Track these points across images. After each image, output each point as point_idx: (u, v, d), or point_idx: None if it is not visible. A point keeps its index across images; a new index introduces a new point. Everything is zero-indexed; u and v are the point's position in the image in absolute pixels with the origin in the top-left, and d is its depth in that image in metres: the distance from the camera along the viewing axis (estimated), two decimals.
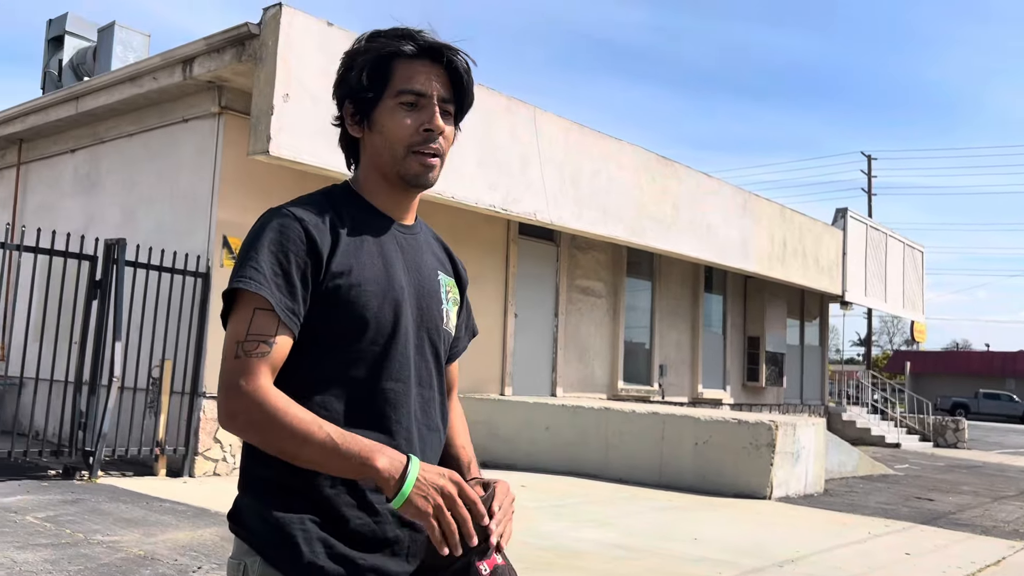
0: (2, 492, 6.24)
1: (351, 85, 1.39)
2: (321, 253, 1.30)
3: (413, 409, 1.37)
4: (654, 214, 11.45)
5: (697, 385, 14.33)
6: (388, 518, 1.31)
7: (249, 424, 1.24)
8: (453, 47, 1.39)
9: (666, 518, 7.01)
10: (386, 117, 1.37)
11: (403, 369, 1.36)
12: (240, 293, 1.27)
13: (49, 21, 12.03)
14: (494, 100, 9.13)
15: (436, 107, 1.37)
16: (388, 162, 1.38)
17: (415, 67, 1.37)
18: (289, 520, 1.26)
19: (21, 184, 10.73)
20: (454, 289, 1.52)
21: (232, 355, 1.25)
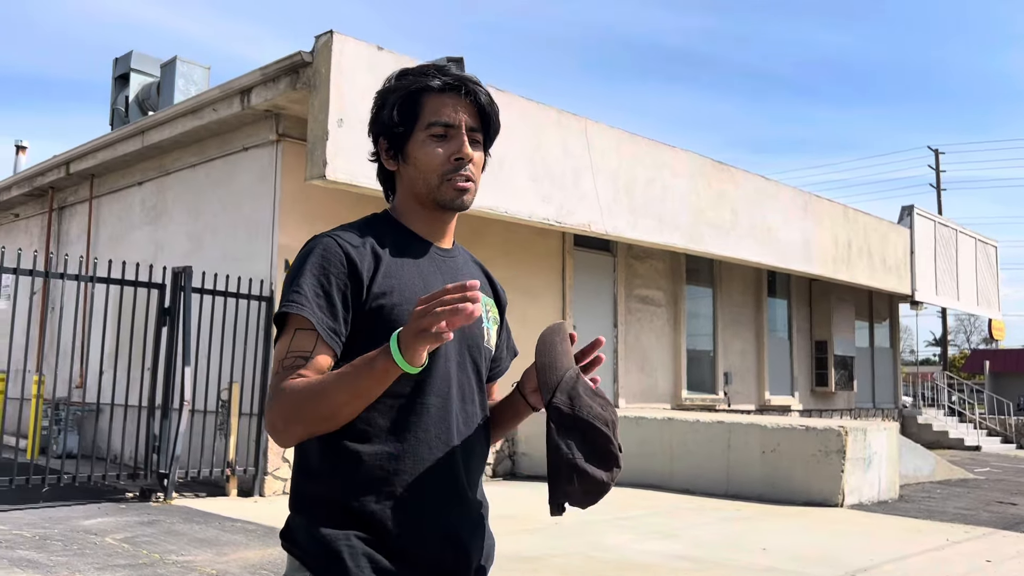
0: (83, 515, 6.48)
1: (383, 122, 1.47)
2: (362, 275, 1.37)
3: (456, 423, 1.41)
4: (712, 220, 11.33)
5: (764, 392, 14.07)
6: (433, 536, 1.35)
7: (285, 419, 1.28)
8: (475, 80, 1.47)
9: (733, 528, 6.89)
10: (418, 149, 1.44)
11: (444, 384, 1.40)
12: (286, 316, 1.34)
13: (115, 60, 12.54)
14: (544, 114, 9.17)
15: (464, 136, 1.44)
16: (424, 191, 1.45)
17: (442, 100, 1.44)
18: (335, 536, 1.31)
19: (94, 217, 11.18)
20: (494, 309, 1.58)
21: (274, 373, 1.32)
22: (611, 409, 1.37)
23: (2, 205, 13.18)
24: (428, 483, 1.36)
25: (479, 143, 1.48)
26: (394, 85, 1.48)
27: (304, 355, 1.31)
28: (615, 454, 1.34)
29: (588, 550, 5.74)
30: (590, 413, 1.33)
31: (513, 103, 8.90)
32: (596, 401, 1.36)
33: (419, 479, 1.35)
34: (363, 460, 1.33)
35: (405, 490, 1.34)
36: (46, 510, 6.60)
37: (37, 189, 12.06)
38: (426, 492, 1.36)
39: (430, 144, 1.44)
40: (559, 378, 1.36)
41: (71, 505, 6.81)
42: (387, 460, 1.34)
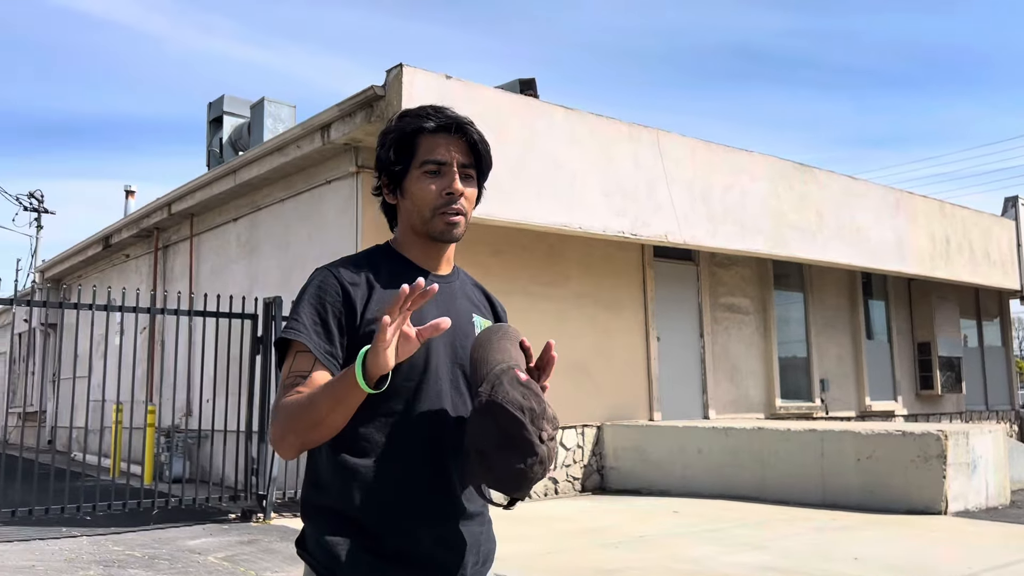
0: (189, 535, 6.87)
1: (383, 160, 1.62)
2: (355, 303, 1.51)
3: (447, 443, 1.52)
4: (796, 223, 11.10)
5: (864, 398, 13.60)
6: (425, 539, 1.47)
7: (282, 431, 1.41)
8: (467, 120, 1.62)
9: (826, 538, 6.73)
10: (413, 185, 1.59)
11: (435, 402, 1.51)
12: (287, 342, 1.50)
13: (209, 104, 13.28)
14: (615, 128, 9.23)
15: (456, 173, 1.58)
16: (418, 223, 1.60)
17: (436, 140, 1.58)
18: (337, 542, 1.44)
19: (195, 254, 11.83)
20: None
21: (277, 395, 1.48)
22: (535, 398, 1.39)
23: (115, 247, 14.08)
24: (421, 494, 1.48)
25: (472, 178, 1.62)
26: (394, 126, 1.62)
27: (303, 374, 1.45)
28: (529, 440, 1.34)
29: (670, 562, 5.72)
30: (504, 399, 1.36)
31: (583, 120, 8.99)
32: (517, 390, 1.38)
33: (412, 490, 1.47)
34: (361, 473, 1.46)
35: (400, 500, 1.46)
36: (156, 531, 7.02)
37: (144, 230, 12.85)
38: (420, 502, 1.48)
39: (424, 180, 1.57)
40: (487, 371, 1.42)
41: (178, 527, 7.22)
42: (383, 473, 1.46)
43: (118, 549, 6.29)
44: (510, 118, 8.33)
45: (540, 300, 9.61)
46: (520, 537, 6.53)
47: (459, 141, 1.59)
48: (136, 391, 11.83)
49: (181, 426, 10.51)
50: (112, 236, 13.84)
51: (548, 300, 9.69)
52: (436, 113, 1.60)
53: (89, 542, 6.59)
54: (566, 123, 8.80)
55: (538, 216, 8.43)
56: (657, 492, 9.41)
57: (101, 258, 15.02)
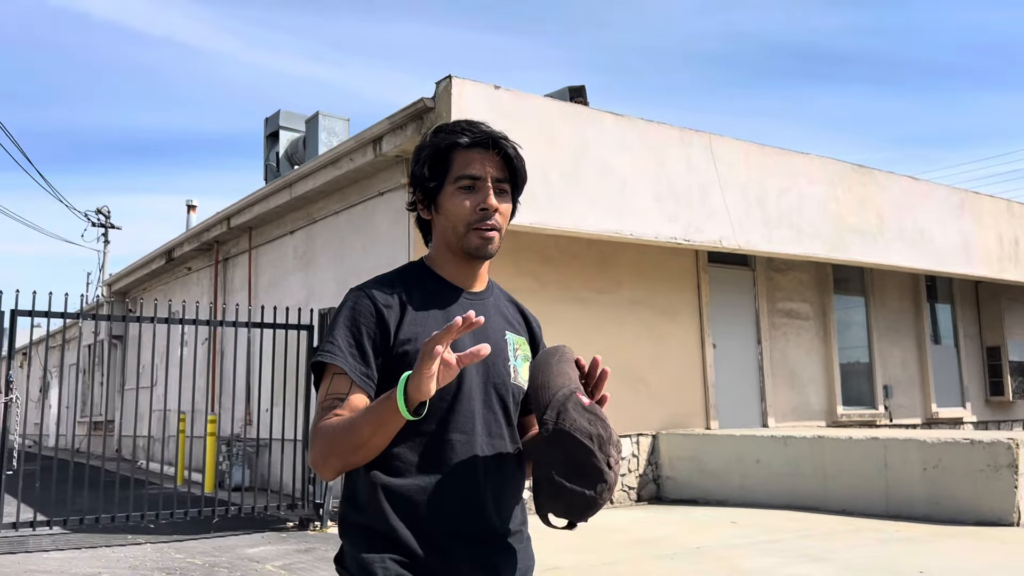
0: (248, 543, 7.00)
1: (418, 176, 1.62)
2: (389, 324, 1.52)
3: (481, 457, 1.52)
4: (855, 226, 10.84)
5: (930, 404, 13.19)
6: (460, 560, 1.47)
7: (323, 454, 1.42)
8: (502, 135, 1.60)
9: (890, 550, 6.53)
10: (448, 201, 1.58)
11: (468, 422, 1.51)
12: (323, 365, 1.51)
13: (266, 119, 13.57)
14: (666, 134, 9.14)
15: (491, 187, 1.57)
16: (453, 239, 1.59)
17: (471, 155, 1.58)
18: (372, 560, 1.45)
19: (253, 266, 12.08)
20: (524, 346, 1.67)
21: (316, 414, 1.49)
22: (600, 424, 1.42)
23: (177, 260, 14.47)
24: (454, 512, 1.48)
25: (507, 193, 1.61)
26: (429, 142, 1.62)
27: (340, 397, 1.47)
28: (599, 468, 1.37)
29: (727, 574, 5.62)
30: (572, 426, 1.37)
31: (633, 126, 8.94)
32: (584, 416, 1.40)
33: (446, 509, 1.47)
34: (395, 492, 1.47)
35: (433, 519, 1.46)
36: (216, 539, 7.16)
37: (204, 243, 13.18)
38: (453, 520, 1.47)
39: (458, 196, 1.57)
40: (551, 396, 1.42)
41: (238, 535, 7.36)
42: (416, 492, 1.47)
43: (180, 557, 6.43)
44: (560, 126, 8.32)
45: (593, 307, 9.55)
46: (575, 548, 6.48)
47: (493, 156, 1.58)
48: (198, 401, 12.11)
49: (241, 435, 10.72)
50: (175, 250, 14.22)
51: (601, 307, 9.63)
52: (470, 128, 1.60)
53: (153, 549, 6.75)
54: (616, 129, 8.76)
55: (589, 223, 8.39)
56: (714, 502, 9.26)
57: (164, 271, 15.45)
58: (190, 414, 12.08)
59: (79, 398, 18.97)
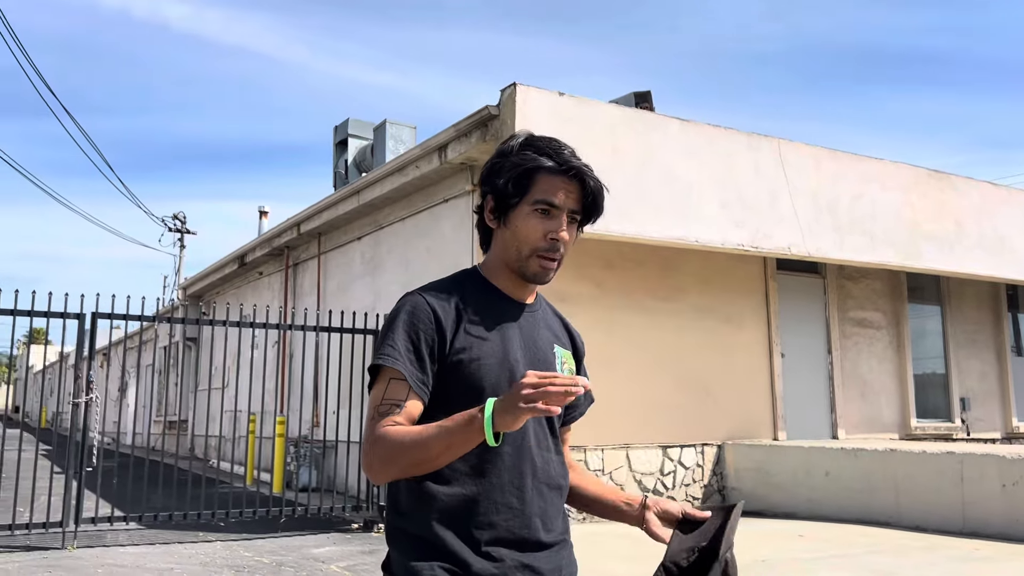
0: (315, 544, 7.13)
1: (497, 186, 1.60)
2: (446, 331, 1.52)
3: (531, 469, 1.54)
4: (931, 233, 10.51)
5: (1011, 418, 12.68)
6: (508, 567, 1.48)
7: (383, 462, 1.42)
8: (587, 167, 1.59)
9: (966, 569, 6.30)
10: (520, 220, 1.57)
11: (518, 434, 1.52)
12: (380, 368, 1.51)
13: (335, 128, 13.84)
14: (733, 139, 9.02)
15: (565, 219, 1.57)
16: (514, 257, 1.59)
17: (554, 181, 1.56)
18: (421, 568, 1.46)
19: (322, 271, 12.33)
20: (569, 360, 1.68)
21: (370, 418, 1.49)
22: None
23: (249, 265, 14.85)
24: (502, 522, 1.49)
25: (575, 222, 1.61)
26: (515, 155, 1.59)
27: (398, 403, 1.47)
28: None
29: None
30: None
31: (700, 131, 8.84)
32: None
33: (494, 519, 1.49)
34: (443, 500, 1.48)
35: (481, 528, 1.48)
36: (284, 539, 7.32)
37: (275, 249, 13.50)
38: (500, 530, 1.49)
39: (532, 218, 1.56)
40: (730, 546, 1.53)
41: (304, 535, 7.51)
42: (465, 501, 1.48)
43: (248, 555, 6.59)
44: (624, 132, 8.28)
45: (657, 315, 9.47)
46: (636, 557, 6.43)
47: (575, 186, 1.57)
48: (267, 402, 12.40)
49: (309, 437, 10.94)
50: (247, 255, 14.60)
51: (665, 315, 9.54)
52: (558, 153, 1.58)
53: (222, 547, 6.94)
54: (682, 135, 8.68)
55: (654, 230, 8.33)
56: (781, 515, 9.06)
57: (237, 275, 15.87)
58: (260, 415, 12.39)
59: (155, 398, 19.62)
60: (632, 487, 9.02)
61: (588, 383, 1.31)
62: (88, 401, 7.10)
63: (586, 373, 1.78)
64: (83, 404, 7.07)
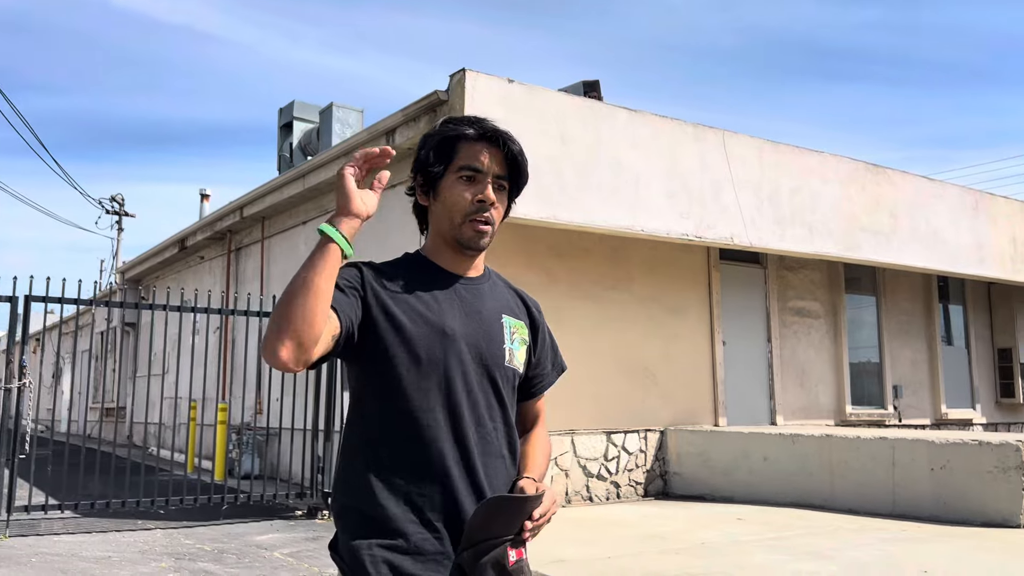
0: (257, 531, 7.06)
1: (421, 161, 1.67)
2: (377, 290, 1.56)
3: (470, 437, 1.54)
4: (868, 226, 10.81)
5: (940, 405, 13.15)
6: (445, 533, 1.49)
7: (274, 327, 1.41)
8: (508, 133, 1.64)
9: (895, 550, 6.53)
10: (447, 189, 1.63)
11: (461, 401, 1.55)
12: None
13: (280, 110, 13.62)
14: (680, 130, 9.13)
15: (490, 182, 1.61)
16: (447, 227, 1.63)
17: (475, 148, 1.62)
18: (359, 547, 1.48)
19: (266, 256, 12.14)
20: (521, 330, 1.69)
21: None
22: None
23: (190, 249, 14.56)
24: (443, 491, 1.50)
25: (504, 190, 1.65)
26: (436, 130, 1.67)
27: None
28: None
29: (733, 570, 5.64)
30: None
31: (647, 121, 8.93)
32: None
33: (433, 488, 1.50)
34: (381, 472, 1.50)
35: (420, 497, 1.49)
36: (226, 526, 7.23)
37: (217, 233, 13.25)
38: (441, 499, 1.50)
39: (458, 185, 1.61)
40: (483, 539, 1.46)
41: (247, 522, 7.43)
42: (403, 472, 1.50)
43: (189, 543, 6.50)
44: (573, 121, 8.33)
45: (604, 303, 9.57)
46: (581, 541, 6.52)
47: (498, 152, 1.62)
48: (209, 389, 12.20)
49: (251, 424, 10.80)
50: (188, 238, 14.31)
51: (612, 303, 9.64)
52: (478, 123, 1.64)
53: (162, 535, 6.83)
54: (630, 125, 8.76)
55: (601, 218, 8.40)
56: (721, 499, 9.27)
57: (177, 259, 15.54)
58: (201, 402, 12.18)
59: (91, 384, 19.12)
60: (577, 472, 9.12)
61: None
62: (21, 387, 6.89)
63: (551, 337, 1.79)
64: (15, 390, 6.87)
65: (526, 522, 1.49)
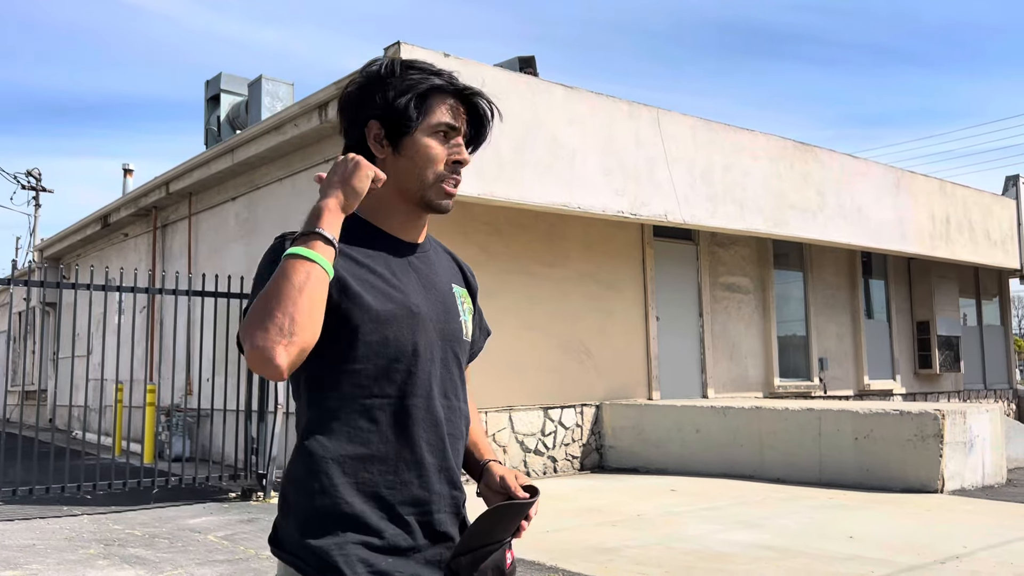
0: (190, 514, 6.91)
1: (390, 108, 1.44)
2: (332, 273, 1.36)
3: (441, 421, 1.44)
4: (796, 203, 11.07)
5: (863, 377, 13.64)
6: (416, 527, 1.39)
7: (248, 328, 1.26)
8: (479, 90, 1.53)
9: (822, 517, 6.76)
10: (420, 145, 1.45)
11: (426, 385, 1.42)
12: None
13: (207, 82, 13.19)
14: (615, 107, 9.17)
15: (463, 143, 1.50)
16: (415, 187, 1.45)
17: (450, 104, 1.48)
18: (328, 546, 1.32)
19: (193, 233, 11.81)
20: (467, 299, 1.58)
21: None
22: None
23: (113, 226, 14.05)
24: (418, 481, 1.39)
25: (470, 150, 1.53)
26: (401, 76, 1.46)
27: None
28: None
29: (668, 541, 5.76)
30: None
31: (583, 98, 8.94)
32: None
33: (406, 480, 1.38)
34: (344, 465, 1.35)
35: (389, 490, 1.37)
36: (157, 510, 7.06)
37: (142, 209, 12.82)
38: (413, 491, 1.38)
39: (435, 143, 1.45)
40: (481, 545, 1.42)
41: (179, 505, 7.26)
42: (375, 463, 1.36)
43: (118, 528, 6.32)
44: (510, 96, 8.28)
45: (542, 280, 9.60)
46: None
47: (465, 108, 1.50)
48: (136, 370, 11.85)
49: (181, 405, 10.54)
50: (111, 215, 13.81)
51: (549, 280, 9.68)
52: (450, 76, 1.49)
53: (90, 520, 6.62)
54: (566, 102, 8.75)
55: (538, 195, 8.40)
56: (655, 471, 9.45)
57: (100, 237, 15.00)
58: (128, 383, 11.83)
59: (9, 366, 18.38)
60: (515, 448, 9.18)
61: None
62: None
63: (480, 308, 1.68)
64: None
65: (523, 522, 1.44)
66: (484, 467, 1.55)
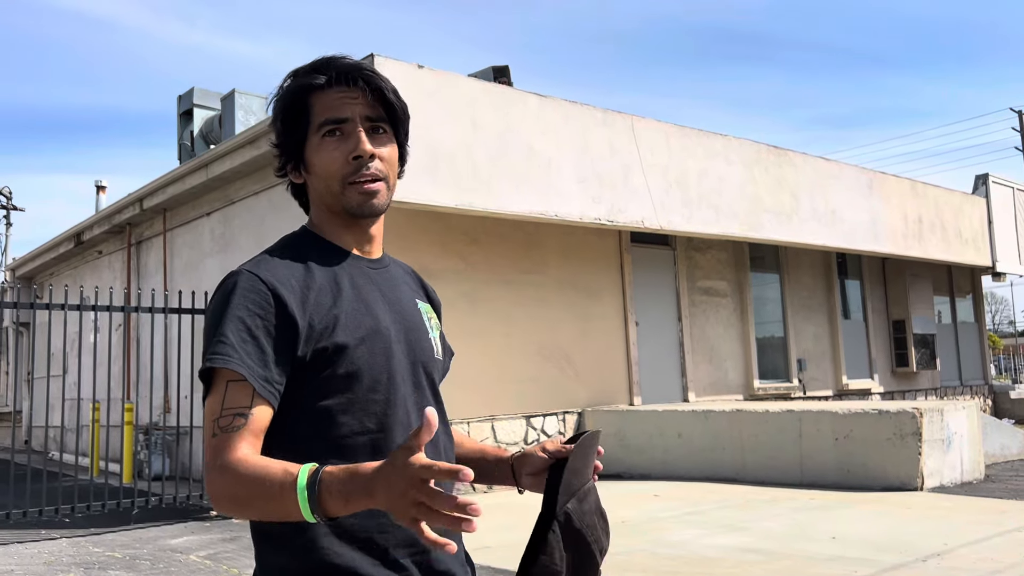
0: (171, 534, 6.83)
1: (277, 134, 1.35)
2: (294, 315, 1.23)
3: (434, 450, 1.30)
4: (771, 206, 11.17)
5: (841, 377, 13.76)
6: (416, 571, 1.26)
7: (233, 501, 1.14)
8: (364, 65, 1.34)
9: (805, 518, 6.81)
10: (314, 155, 1.32)
11: (404, 414, 1.31)
12: (212, 372, 1.20)
13: (179, 97, 13.10)
14: (589, 115, 9.22)
15: (361, 130, 1.31)
16: (330, 200, 1.34)
17: (331, 96, 1.31)
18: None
19: (168, 250, 11.70)
20: (433, 315, 1.47)
21: (210, 435, 1.18)
22: (606, 534, 1.38)
23: (87, 243, 13.90)
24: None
25: (387, 133, 1.35)
26: (282, 89, 1.35)
27: (242, 411, 1.17)
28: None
29: (652, 547, 5.77)
30: (592, 536, 1.33)
31: (557, 107, 8.98)
32: (600, 525, 1.37)
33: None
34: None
35: (382, 535, 1.24)
36: (137, 531, 6.97)
37: (116, 226, 12.70)
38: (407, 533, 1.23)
39: (325, 147, 1.31)
40: (581, 485, 1.36)
41: (160, 525, 7.18)
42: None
43: (98, 551, 6.24)
44: (485, 107, 8.30)
45: (521, 288, 9.61)
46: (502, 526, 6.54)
47: (361, 94, 1.31)
48: (113, 389, 11.72)
49: (160, 423, 10.43)
50: (84, 232, 13.66)
51: (528, 288, 9.70)
52: (327, 64, 1.32)
53: (69, 544, 6.53)
54: (540, 110, 8.79)
55: (516, 204, 8.42)
56: (638, 476, 9.47)
57: (73, 255, 14.83)
58: (105, 403, 11.68)
59: None
60: None
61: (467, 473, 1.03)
62: None
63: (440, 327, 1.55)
64: None
65: (596, 463, 1.41)
66: (516, 459, 1.46)
